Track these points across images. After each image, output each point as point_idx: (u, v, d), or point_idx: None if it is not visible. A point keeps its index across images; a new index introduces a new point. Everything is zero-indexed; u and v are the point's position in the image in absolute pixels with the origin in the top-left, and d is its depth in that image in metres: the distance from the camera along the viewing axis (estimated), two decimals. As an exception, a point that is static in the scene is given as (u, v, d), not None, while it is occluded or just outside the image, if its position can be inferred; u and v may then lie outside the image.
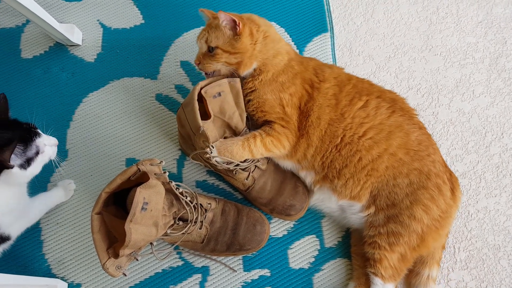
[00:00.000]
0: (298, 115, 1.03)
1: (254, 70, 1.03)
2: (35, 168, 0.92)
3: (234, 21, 0.98)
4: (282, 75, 1.03)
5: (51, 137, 0.96)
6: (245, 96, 1.04)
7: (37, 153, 0.91)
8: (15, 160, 0.86)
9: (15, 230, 0.99)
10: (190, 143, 1.12)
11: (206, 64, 1.02)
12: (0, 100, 0.89)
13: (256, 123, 1.07)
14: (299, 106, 1.03)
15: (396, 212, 0.98)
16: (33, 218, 1.06)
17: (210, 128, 0.97)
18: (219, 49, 1.00)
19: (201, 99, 0.99)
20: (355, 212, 1.05)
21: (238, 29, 0.98)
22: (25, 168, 0.89)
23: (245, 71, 1.03)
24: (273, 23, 1.35)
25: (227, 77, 1.00)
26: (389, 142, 0.99)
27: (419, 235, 0.97)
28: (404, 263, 0.99)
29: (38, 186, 1.14)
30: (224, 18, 0.98)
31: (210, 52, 1.01)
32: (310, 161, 1.04)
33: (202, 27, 1.35)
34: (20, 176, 0.89)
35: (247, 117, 1.06)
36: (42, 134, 0.94)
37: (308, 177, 1.09)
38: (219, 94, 0.97)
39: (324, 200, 1.08)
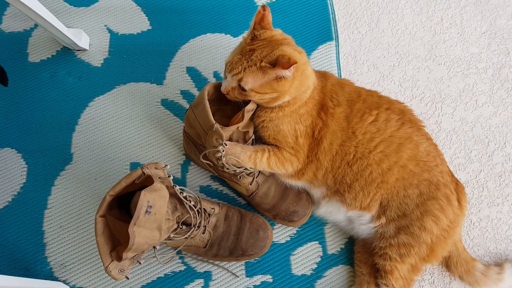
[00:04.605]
0: (309, 144, 1.02)
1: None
2: None
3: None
4: (303, 107, 0.99)
5: None
6: (260, 123, 1.02)
7: None
8: None
9: None
10: (195, 147, 1.13)
11: (235, 98, 0.96)
12: None
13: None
14: (312, 135, 1.02)
15: (407, 223, 0.99)
16: None
17: (224, 129, 0.98)
18: (253, 91, 0.92)
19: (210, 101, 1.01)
20: (364, 222, 1.05)
21: (289, 74, 0.89)
22: None
23: (273, 104, 0.98)
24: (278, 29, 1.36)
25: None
26: (399, 155, 0.98)
27: (428, 245, 0.98)
28: (414, 273, 1.01)
29: (40, 188, 1.16)
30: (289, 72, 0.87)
31: (242, 90, 0.93)
32: (322, 180, 1.04)
33: (208, 34, 1.38)
34: None
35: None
36: None
37: (318, 192, 1.09)
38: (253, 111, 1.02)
39: (333, 212, 1.09)
